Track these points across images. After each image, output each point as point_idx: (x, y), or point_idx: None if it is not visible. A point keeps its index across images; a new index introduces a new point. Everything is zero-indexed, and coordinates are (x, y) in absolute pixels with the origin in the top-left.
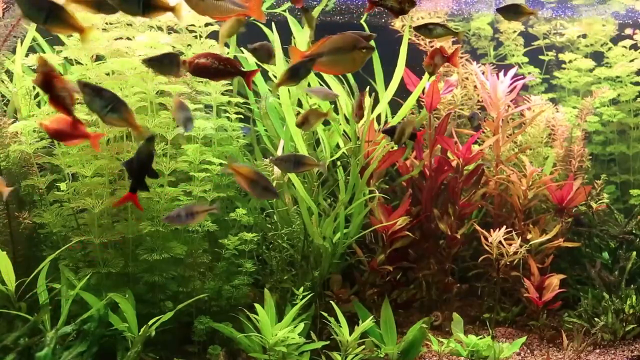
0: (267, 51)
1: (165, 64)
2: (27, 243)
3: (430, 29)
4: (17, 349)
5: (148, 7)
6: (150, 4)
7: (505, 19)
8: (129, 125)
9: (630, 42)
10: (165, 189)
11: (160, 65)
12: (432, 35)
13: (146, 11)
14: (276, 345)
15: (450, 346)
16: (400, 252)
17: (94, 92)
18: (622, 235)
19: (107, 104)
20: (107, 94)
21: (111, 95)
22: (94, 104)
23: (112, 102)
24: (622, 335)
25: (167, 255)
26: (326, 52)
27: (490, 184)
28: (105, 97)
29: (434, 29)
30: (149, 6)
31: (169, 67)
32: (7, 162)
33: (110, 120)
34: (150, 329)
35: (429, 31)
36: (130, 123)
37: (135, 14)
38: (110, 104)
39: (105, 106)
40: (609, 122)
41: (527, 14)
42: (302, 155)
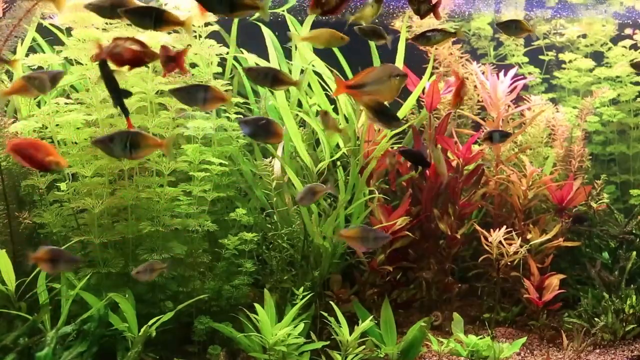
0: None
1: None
2: (27, 243)
3: (429, 37)
4: (16, 349)
5: (160, 21)
6: (162, 19)
7: (506, 34)
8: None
9: (630, 42)
10: (165, 189)
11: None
12: (431, 43)
13: (157, 25)
14: (276, 345)
15: (450, 346)
16: (400, 252)
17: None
18: (622, 235)
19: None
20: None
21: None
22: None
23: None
24: (622, 335)
25: (167, 255)
26: (368, 82)
27: (490, 184)
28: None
29: (433, 37)
30: (160, 21)
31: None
32: (8, 162)
33: None
34: (150, 329)
35: (427, 39)
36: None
37: (147, 29)
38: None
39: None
40: (609, 122)
41: (526, 31)
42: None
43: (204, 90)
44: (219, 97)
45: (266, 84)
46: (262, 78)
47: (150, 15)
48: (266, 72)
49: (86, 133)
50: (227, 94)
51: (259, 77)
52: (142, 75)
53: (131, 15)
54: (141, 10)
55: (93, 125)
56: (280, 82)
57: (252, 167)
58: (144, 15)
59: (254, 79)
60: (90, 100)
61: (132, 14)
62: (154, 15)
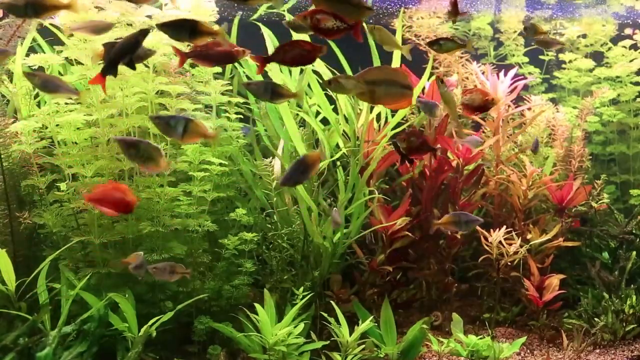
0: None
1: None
2: (27, 243)
3: (441, 45)
4: (16, 349)
5: (195, 33)
6: (197, 31)
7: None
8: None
9: (630, 42)
10: (165, 189)
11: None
12: (443, 50)
13: (192, 37)
14: (276, 345)
15: (450, 346)
16: (400, 252)
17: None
18: (622, 235)
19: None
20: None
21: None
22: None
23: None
24: (622, 335)
25: (167, 255)
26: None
27: (490, 184)
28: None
29: (444, 44)
30: (195, 32)
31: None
32: (9, 163)
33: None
34: (150, 329)
35: (440, 46)
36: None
37: (183, 41)
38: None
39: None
40: (609, 122)
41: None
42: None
43: (183, 124)
44: (200, 133)
45: (266, 97)
46: (261, 92)
47: (186, 28)
48: (265, 86)
49: (86, 133)
50: (212, 132)
51: (258, 91)
52: (143, 76)
53: (167, 29)
54: (176, 23)
55: (93, 125)
56: (279, 95)
57: (252, 167)
58: (179, 27)
59: (254, 92)
60: (90, 100)
61: (167, 28)
62: (188, 27)
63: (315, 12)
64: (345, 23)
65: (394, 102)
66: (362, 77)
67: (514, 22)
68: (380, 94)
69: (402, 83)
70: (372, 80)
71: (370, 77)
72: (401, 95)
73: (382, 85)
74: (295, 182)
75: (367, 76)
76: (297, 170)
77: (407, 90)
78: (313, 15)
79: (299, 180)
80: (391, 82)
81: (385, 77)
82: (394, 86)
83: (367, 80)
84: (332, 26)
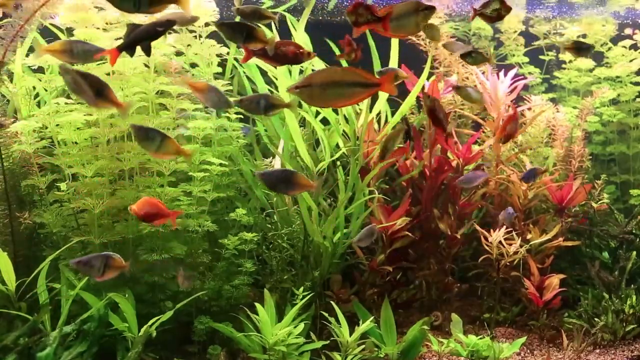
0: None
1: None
2: (27, 243)
3: (473, 57)
4: (17, 349)
5: (249, 37)
6: (252, 35)
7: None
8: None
9: (630, 42)
10: (165, 189)
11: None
12: (474, 62)
13: (247, 41)
14: (276, 345)
15: (450, 346)
16: (400, 252)
17: None
18: (622, 235)
19: None
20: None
21: None
22: None
23: None
24: (622, 335)
25: (167, 256)
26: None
27: (490, 184)
28: None
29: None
30: (250, 37)
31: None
32: (9, 163)
33: None
34: (150, 329)
35: (472, 58)
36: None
37: (236, 42)
38: None
39: None
40: (609, 122)
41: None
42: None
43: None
44: (174, 150)
45: (259, 112)
46: (254, 106)
47: (242, 31)
48: (257, 100)
49: (86, 133)
50: (187, 150)
51: (251, 106)
52: (144, 76)
53: (224, 29)
54: (234, 25)
55: (93, 125)
56: (273, 107)
57: (252, 167)
58: (236, 30)
59: (246, 108)
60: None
61: (225, 28)
62: (245, 31)
63: (357, 5)
64: (376, 16)
65: (346, 102)
66: (307, 82)
67: (514, 22)
68: (330, 97)
69: (353, 82)
70: (316, 84)
71: (315, 80)
72: (352, 95)
73: (331, 88)
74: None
75: (311, 80)
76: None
77: (360, 88)
78: (356, 9)
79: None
80: (338, 83)
81: (333, 78)
82: (342, 87)
83: (309, 84)
84: (366, 19)
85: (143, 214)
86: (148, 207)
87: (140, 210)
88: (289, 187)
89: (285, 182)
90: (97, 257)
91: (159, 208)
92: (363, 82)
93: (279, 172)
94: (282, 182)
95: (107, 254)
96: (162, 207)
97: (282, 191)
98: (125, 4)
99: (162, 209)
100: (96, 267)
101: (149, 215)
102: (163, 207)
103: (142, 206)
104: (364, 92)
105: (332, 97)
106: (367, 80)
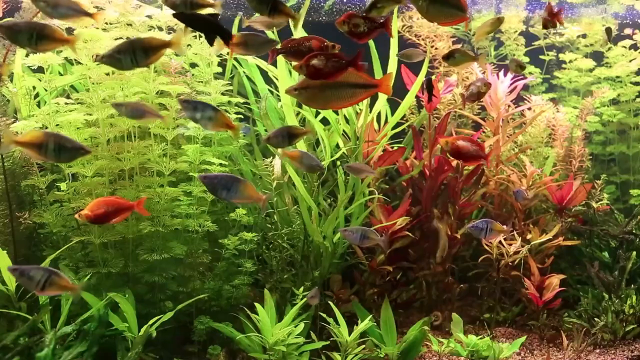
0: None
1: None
2: (27, 243)
3: (456, 57)
4: (16, 349)
5: (274, 10)
6: (277, 8)
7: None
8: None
9: (630, 42)
10: (165, 189)
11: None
12: (457, 63)
13: (272, 13)
14: (276, 345)
15: (450, 346)
16: (400, 252)
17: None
18: (622, 235)
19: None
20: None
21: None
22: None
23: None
24: (622, 335)
25: (167, 255)
26: None
27: (490, 184)
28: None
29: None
30: (275, 9)
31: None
32: (9, 163)
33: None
34: (150, 329)
35: (454, 59)
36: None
37: (263, 14)
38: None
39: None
40: (609, 122)
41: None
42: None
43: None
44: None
45: (284, 144)
46: (280, 140)
47: (267, 3)
48: (282, 134)
49: (86, 133)
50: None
51: (277, 140)
52: (144, 75)
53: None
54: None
55: (93, 125)
56: (295, 137)
57: (252, 167)
58: (263, 1)
59: (274, 144)
60: (90, 100)
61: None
62: (270, 3)
63: (351, 16)
64: (375, 23)
65: (345, 104)
66: (305, 84)
67: (515, 21)
68: (329, 98)
69: (351, 83)
70: (314, 85)
71: (312, 82)
72: (351, 96)
73: (326, 90)
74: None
75: (309, 82)
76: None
77: (359, 89)
78: (350, 19)
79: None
80: (336, 84)
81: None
82: (341, 88)
83: (308, 86)
84: (365, 29)
85: (98, 215)
86: (103, 206)
87: (94, 212)
88: (230, 194)
89: (228, 189)
90: (39, 270)
91: (116, 203)
92: (361, 83)
93: (224, 177)
94: (224, 189)
95: (52, 270)
96: (120, 201)
97: (223, 197)
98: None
99: (121, 203)
100: (36, 280)
101: (106, 214)
102: (122, 201)
103: (96, 207)
104: (363, 93)
105: (331, 98)
106: (366, 82)
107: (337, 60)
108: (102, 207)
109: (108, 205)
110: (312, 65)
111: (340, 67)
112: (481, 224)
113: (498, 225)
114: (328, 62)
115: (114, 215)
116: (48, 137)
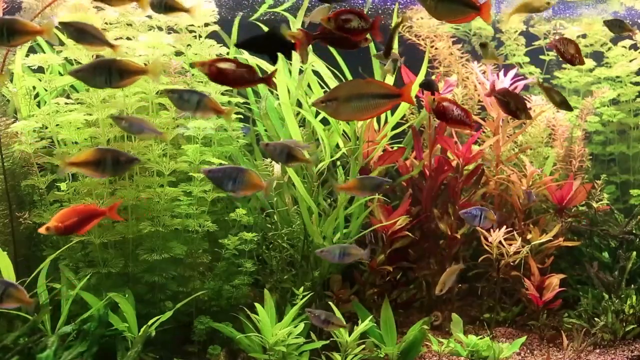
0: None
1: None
2: (27, 243)
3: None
4: (16, 349)
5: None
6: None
7: (611, 31)
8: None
9: (630, 42)
10: (165, 189)
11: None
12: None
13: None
14: (276, 345)
15: (450, 346)
16: (400, 252)
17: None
18: (622, 235)
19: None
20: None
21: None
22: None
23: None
24: (622, 335)
25: (167, 255)
26: None
27: (490, 184)
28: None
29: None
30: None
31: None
32: (9, 163)
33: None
34: (150, 329)
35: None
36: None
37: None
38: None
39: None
40: (609, 122)
41: (627, 31)
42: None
43: None
44: None
45: (282, 160)
46: (278, 153)
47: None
48: (281, 149)
49: (86, 133)
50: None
51: (275, 153)
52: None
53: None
54: None
55: (93, 125)
56: (294, 159)
57: (252, 167)
58: None
59: (270, 154)
60: (90, 100)
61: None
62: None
63: (340, 13)
64: (368, 23)
65: (370, 114)
66: (332, 96)
67: (515, 21)
68: (354, 109)
69: (375, 94)
70: (341, 97)
71: (338, 94)
72: (376, 106)
73: (352, 101)
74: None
75: (336, 93)
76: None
77: (383, 100)
78: (338, 17)
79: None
80: (362, 95)
81: (357, 91)
82: (366, 99)
83: (335, 98)
84: (357, 26)
85: (68, 227)
86: (73, 216)
87: (63, 224)
88: (236, 185)
89: (233, 180)
90: None
91: (85, 211)
92: (385, 94)
93: (228, 168)
94: (230, 180)
95: (10, 283)
96: (90, 207)
97: (229, 189)
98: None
99: (91, 210)
100: None
101: (77, 223)
102: (92, 208)
103: (65, 218)
104: (387, 103)
105: (357, 109)
106: (389, 92)
107: (246, 71)
108: (71, 216)
109: (78, 214)
110: (216, 67)
111: (248, 79)
112: (475, 210)
113: (491, 213)
114: (235, 70)
115: (86, 223)
116: (104, 153)
